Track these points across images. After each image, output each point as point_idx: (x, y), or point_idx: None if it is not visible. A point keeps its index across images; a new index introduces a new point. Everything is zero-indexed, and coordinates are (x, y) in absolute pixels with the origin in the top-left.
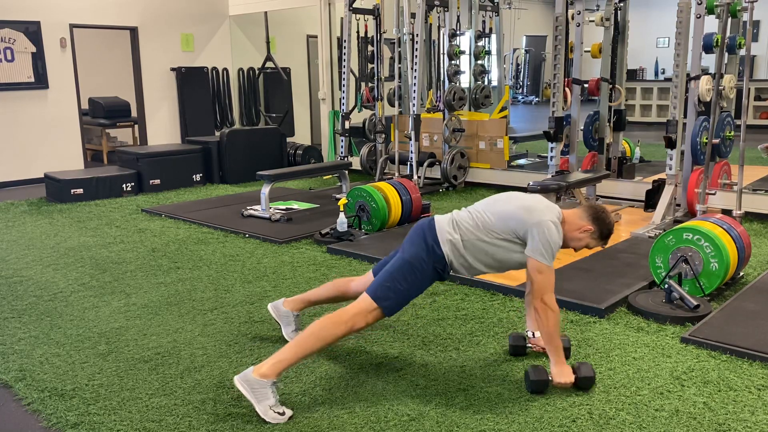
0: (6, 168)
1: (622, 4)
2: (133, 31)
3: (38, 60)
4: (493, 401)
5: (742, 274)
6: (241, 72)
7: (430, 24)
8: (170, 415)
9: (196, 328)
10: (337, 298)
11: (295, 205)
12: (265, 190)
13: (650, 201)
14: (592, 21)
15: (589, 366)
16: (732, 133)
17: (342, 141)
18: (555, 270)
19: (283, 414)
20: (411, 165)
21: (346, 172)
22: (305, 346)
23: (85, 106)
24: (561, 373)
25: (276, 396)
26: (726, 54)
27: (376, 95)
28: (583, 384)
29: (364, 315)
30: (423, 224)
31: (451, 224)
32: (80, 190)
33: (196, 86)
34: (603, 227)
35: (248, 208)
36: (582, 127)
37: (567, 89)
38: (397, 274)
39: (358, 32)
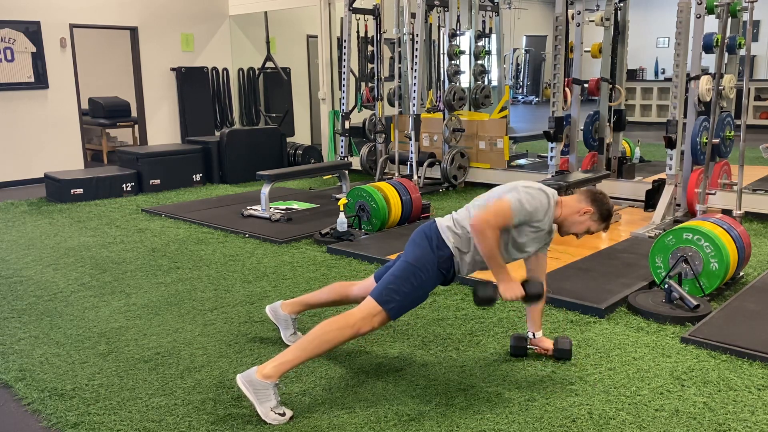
0: (6, 168)
1: (622, 4)
2: (133, 31)
3: (38, 60)
4: (493, 401)
5: (742, 274)
6: (241, 72)
7: (430, 24)
8: (170, 415)
9: (196, 328)
10: (336, 302)
11: (295, 205)
12: (265, 190)
13: (650, 201)
14: (592, 21)
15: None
16: (732, 133)
17: (342, 141)
18: (554, 269)
19: (283, 415)
20: (411, 165)
21: (346, 172)
22: (309, 349)
23: (85, 106)
24: (509, 288)
25: (277, 397)
26: (726, 54)
27: (376, 95)
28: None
29: (369, 319)
30: (424, 227)
31: (452, 222)
32: (80, 190)
33: (196, 86)
34: (602, 208)
35: (248, 208)
36: (582, 127)
37: (567, 89)
38: (402, 277)
39: (358, 32)
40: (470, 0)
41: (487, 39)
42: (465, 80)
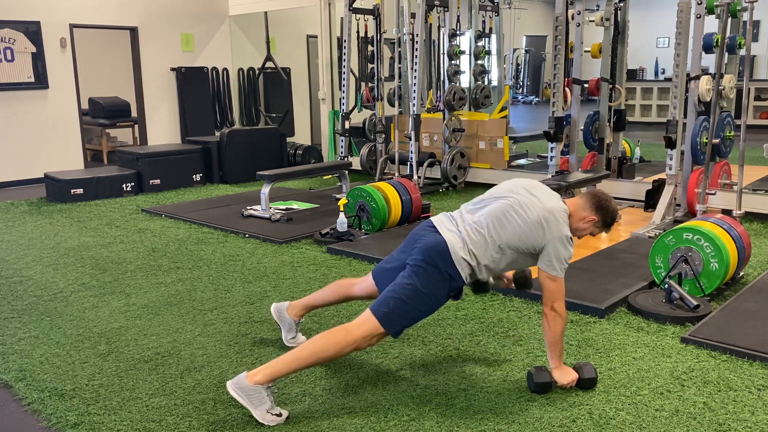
0: (6, 168)
1: (622, 4)
2: (133, 31)
3: (38, 60)
4: (493, 401)
5: (742, 274)
6: (241, 72)
7: (430, 24)
8: (170, 415)
9: (196, 328)
10: (340, 302)
11: (295, 205)
12: (265, 190)
13: (650, 201)
14: (592, 21)
15: (591, 367)
16: (732, 133)
17: (342, 141)
18: None
19: (280, 415)
20: (411, 165)
21: (346, 172)
22: (304, 360)
23: (85, 106)
24: (564, 375)
25: (271, 398)
26: (726, 54)
27: (376, 95)
28: (587, 385)
29: (370, 338)
30: (432, 251)
31: (466, 252)
32: (80, 190)
33: (196, 86)
34: (606, 216)
35: (248, 208)
36: (582, 127)
37: (567, 89)
38: (411, 304)
39: (358, 32)
40: (470, 0)
41: (487, 39)
42: (465, 80)
